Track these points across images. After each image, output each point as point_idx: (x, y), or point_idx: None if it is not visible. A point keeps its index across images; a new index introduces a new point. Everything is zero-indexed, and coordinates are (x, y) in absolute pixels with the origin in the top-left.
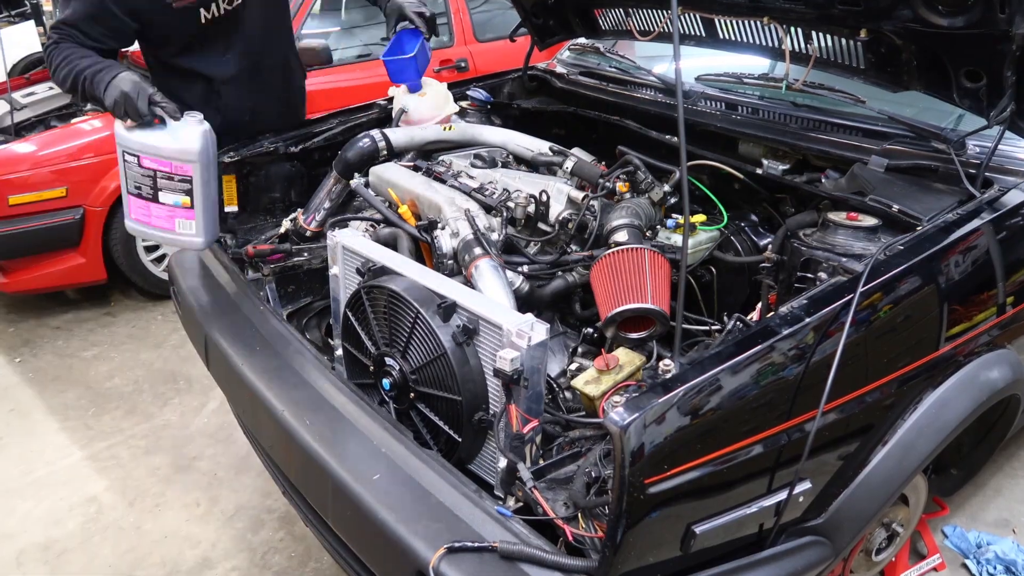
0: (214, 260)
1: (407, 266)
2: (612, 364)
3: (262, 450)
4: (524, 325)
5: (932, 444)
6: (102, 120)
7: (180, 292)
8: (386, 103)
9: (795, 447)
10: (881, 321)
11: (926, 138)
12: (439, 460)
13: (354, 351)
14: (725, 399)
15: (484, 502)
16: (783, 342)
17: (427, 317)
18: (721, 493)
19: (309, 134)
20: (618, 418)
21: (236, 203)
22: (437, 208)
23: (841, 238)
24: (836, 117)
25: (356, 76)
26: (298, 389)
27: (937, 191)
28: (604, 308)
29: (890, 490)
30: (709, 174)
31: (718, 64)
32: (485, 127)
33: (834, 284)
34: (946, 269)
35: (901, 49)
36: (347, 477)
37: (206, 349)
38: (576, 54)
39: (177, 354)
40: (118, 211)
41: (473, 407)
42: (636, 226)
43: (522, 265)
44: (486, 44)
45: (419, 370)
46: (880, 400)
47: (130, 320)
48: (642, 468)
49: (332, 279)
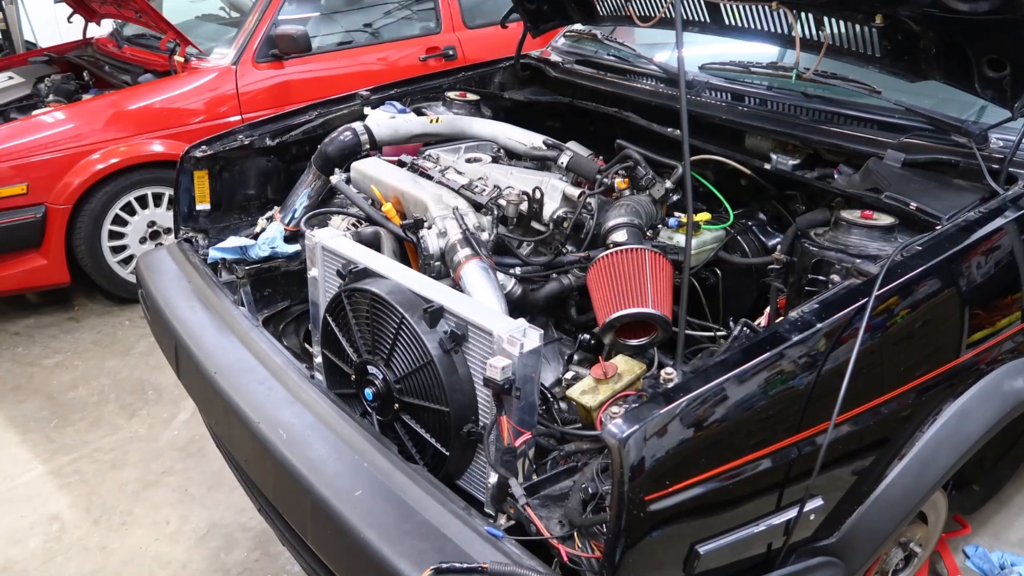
0: (185, 261)
1: (391, 268)
2: (610, 373)
3: (236, 465)
4: (516, 331)
5: (952, 458)
6: (65, 112)
7: (149, 295)
8: (368, 93)
9: (806, 461)
10: (898, 327)
11: (946, 131)
12: (425, 475)
13: (334, 359)
14: (731, 410)
15: (473, 520)
16: (793, 349)
17: (412, 323)
18: (727, 511)
19: (287, 127)
20: (617, 430)
21: (208, 200)
22: (423, 206)
23: (855, 238)
24: (849, 109)
25: (337, 65)
26: (275, 400)
27: (958, 188)
28: (602, 313)
29: (907, 507)
30: (714, 169)
31: (723, 52)
32: (475, 119)
33: (848, 287)
34: (967, 271)
35: (919, 36)
36: (327, 493)
37: (176, 356)
38: (572, 41)
39: (145, 362)
40: (83, 208)
41: (462, 419)
42: (636, 225)
43: (514, 267)
44: (476, 31)
45: (404, 379)
46: (897, 411)
47: (95, 325)
48: (642, 484)
49: (311, 282)
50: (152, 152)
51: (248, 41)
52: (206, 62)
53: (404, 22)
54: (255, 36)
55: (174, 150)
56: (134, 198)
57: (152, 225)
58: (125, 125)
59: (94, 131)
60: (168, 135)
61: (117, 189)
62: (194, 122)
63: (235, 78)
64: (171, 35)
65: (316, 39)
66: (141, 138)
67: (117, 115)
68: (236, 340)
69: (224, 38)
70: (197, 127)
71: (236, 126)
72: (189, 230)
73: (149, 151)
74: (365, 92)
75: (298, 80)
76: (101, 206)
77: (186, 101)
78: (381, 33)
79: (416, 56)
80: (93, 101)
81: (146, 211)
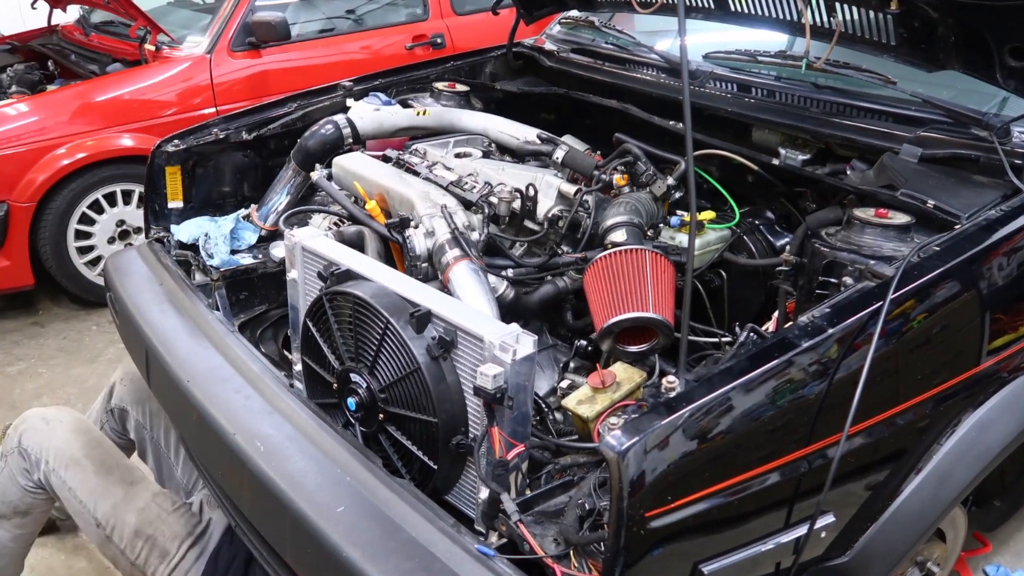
0: (156, 263)
1: (375, 270)
2: (608, 381)
3: (211, 479)
4: (508, 337)
5: (972, 472)
6: (29, 104)
7: (118, 299)
8: (351, 84)
9: (817, 476)
10: (914, 332)
11: (965, 124)
12: (412, 490)
13: (315, 366)
14: (737, 421)
15: (463, 538)
16: (803, 356)
17: (398, 328)
18: (732, 528)
19: (264, 120)
20: (615, 442)
21: (181, 198)
22: (409, 204)
23: (869, 238)
24: (863, 100)
25: (318, 53)
26: (252, 410)
27: (978, 184)
28: (599, 317)
29: (925, 524)
30: (719, 165)
31: (729, 40)
32: (464, 112)
33: (861, 290)
34: (988, 273)
35: (937, 22)
36: (307, 509)
37: (147, 364)
38: (568, 29)
39: (114, 369)
40: (48, 206)
41: (450, 430)
42: (636, 224)
43: (506, 269)
44: (465, 17)
45: (389, 388)
46: (913, 422)
47: (60, 331)
48: (642, 499)
49: (290, 284)
50: (121, 146)
51: (223, 28)
52: (179, 51)
53: (389, 8)
54: (231, 23)
55: (144, 144)
56: (102, 195)
57: (121, 224)
58: (92, 118)
59: (59, 124)
60: (138, 128)
61: (84, 186)
62: (166, 115)
63: (209, 68)
64: (141, 22)
65: (295, 26)
66: (109, 132)
67: (84, 107)
68: (210, 346)
69: (198, 25)
70: (169, 120)
71: (210, 119)
72: (160, 229)
73: (118, 145)
74: (348, 83)
75: (276, 70)
76: (67, 204)
77: (157, 92)
78: (365, 20)
79: (402, 44)
80: (58, 92)
81: (115, 209)
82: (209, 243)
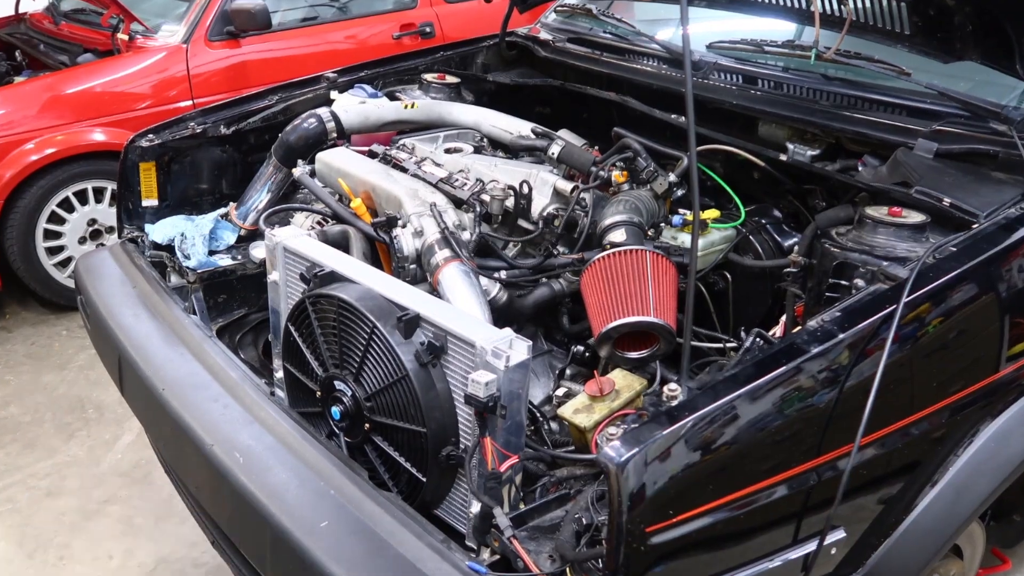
0: (130, 264)
1: (361, 271)
2: (607, 389)
3: (187, 492)
4: (501, 343)
5: (991, 485)
6: None
7: (89, 302)
8: (336, 76)
9: (826, 489)
10: (929, 337)
11: (983, 118)
12: (399, 504)
13: (297, 373)
14: (742, 431)
15: (453, 555)
16: (812, 363)
17: (385, 333)
18: (738, 544)
19: (244, 113)
20: (614, 454)
21: (156, 196)
22: (397, 202)
23: (882, 238)
24: (875, 92)
25: (300, 43)
26: (230, 419)
27: (997, 181)
28: (597, 322)
29: (940, 540)
30: (723, 161)
31: (734, 29)
32: (455, 105)
33: (873, 293)
34: (1007, 275)
35: (954, 10)
36: (289, 524)
37: (120, 371)
38: (564, 17)
39: (85, 377)
40: (15, 204)
41: (440, 440)
42: (636, 223)
43: (499, 270)
44: (456, 5)
45: (375, 396)
46: (928, 432)
47: (28, 336)
48: (643, 514)
49: (271, 287)
50: (93, 141)
51: (200, 17)
52: (153, 40)
53: None
54: (208, 11)
55: (117, 139)
56: (72, 193)
57: (93, 223)
58: (62, 111)
59: (27, 118)
60: (111, 122)
61: (54, 183)
62: (140, 108)
63: (186, 58)
64: (114, 10)
65: (277, 15)
66: (80, 126)
67: (53, 100)
68: (187, 352)
69: (173, 13)
70: (143, 113)
71: (187, 112)
72: (134, 229)
73: (89, 140)
74: (332, 74)
75: (256, 60)
76: (35, 202)
77: (131, 84)
78: (350, 8)
79: (389, 34)
80: (26, 84)
81: (86, 208)
82: (185, 243)
